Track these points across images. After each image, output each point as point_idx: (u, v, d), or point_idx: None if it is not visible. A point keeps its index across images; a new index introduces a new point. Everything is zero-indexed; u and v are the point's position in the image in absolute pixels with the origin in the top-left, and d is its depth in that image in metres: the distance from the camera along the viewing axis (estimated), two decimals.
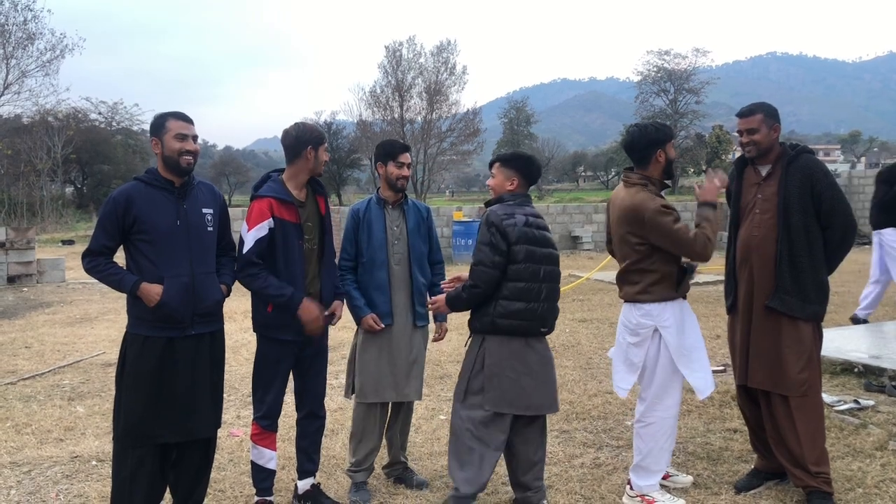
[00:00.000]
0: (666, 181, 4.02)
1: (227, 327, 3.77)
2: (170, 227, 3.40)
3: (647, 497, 3.88)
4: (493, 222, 3.71)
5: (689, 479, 4.16)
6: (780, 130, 3.98)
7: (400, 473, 4.27)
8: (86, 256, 3.47)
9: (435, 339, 4.39)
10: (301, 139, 3.74)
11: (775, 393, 3.90)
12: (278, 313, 3.68)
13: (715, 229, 3.79)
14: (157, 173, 3.46)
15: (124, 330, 3.50)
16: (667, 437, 3.94)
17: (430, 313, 4.18)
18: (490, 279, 3.67)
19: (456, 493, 3.70)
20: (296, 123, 3.84)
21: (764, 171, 3.97)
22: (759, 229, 3.92)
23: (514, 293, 3.69)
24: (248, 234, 3.64)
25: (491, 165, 4.00)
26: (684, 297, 3.96)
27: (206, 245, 3.54)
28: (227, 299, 3.66)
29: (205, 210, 3.53)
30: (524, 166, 3.93)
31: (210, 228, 3.55)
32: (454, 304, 3.84)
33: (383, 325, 4.02)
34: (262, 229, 3.64)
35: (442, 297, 3.91)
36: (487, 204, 3.96)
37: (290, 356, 3.81)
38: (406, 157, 4.13)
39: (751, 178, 4.04)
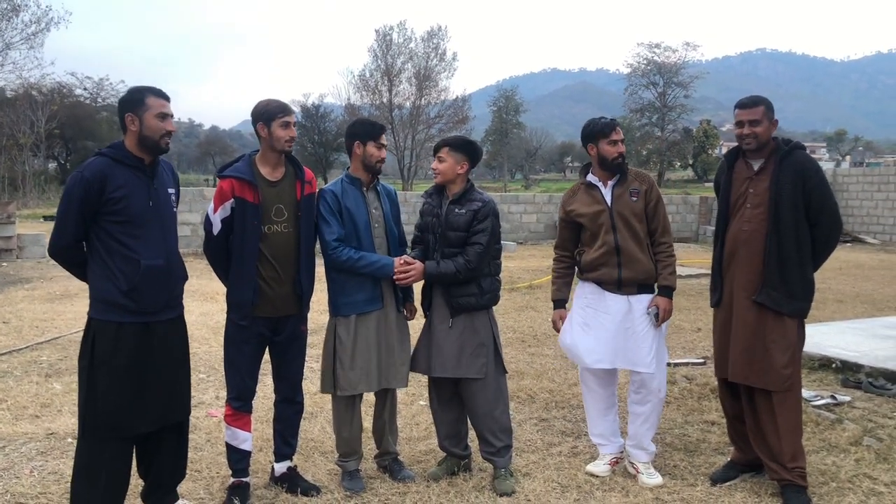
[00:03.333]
0: (608, 170, 4.15)
1: (210, 308, 3.75)
2: (143, 207, 3.23)
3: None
4: (495, 212, 4.01)
5: (658, 480, 4.07)
6: (777, 125, 3.94)
7: (389, 464, 4.18)
8: (59, 254, 3.27)
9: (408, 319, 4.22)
10: (254, 116, 3.70)
11: (758, 387, 3.90)
12: (235, 294, 3.70)
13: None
14: (126, 150, 3.25)
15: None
16: (585, 401, 4.40)
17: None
18: (484, 265, 3.94)
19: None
20: (258, 101, 3.76)
21: (756, 165, 3.92)
22: (749, 224, 3.89)
23: (498, 268, 4.12)
24: (214, 215, 3.66)
25: (438, 150, 4.03)
26: (607, 287, 4.12)
27: (174, 226, 3.44)
28: (210, 281, 3.62)
29: (170, 190, 3.43)
30: (473, 151, 4.08)
31: (175, 209, 3.46)
32: (437, 278, 3.91)
33: (415, 264, 3.91)
34: (225, 210, 3.65)
35: (419, 265, 3.91)
36: (442, 189, 4.08)
37: (254, 339, 3.75)
38: (385, 139, 4.01)
39: (742, 171, 3.99)
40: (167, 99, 3.32)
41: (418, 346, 4.11)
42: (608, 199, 4.11)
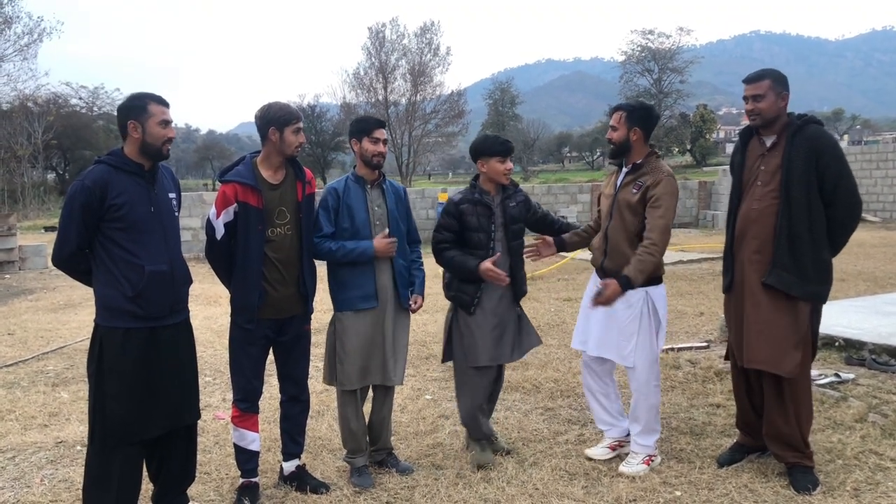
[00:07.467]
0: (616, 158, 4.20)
1: (213, 311, 3.77)
2: (145, 213, 3.27)
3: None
4: None
5: (633, 469, 4.03)
6: (787, 99, 3.77)
7: (383, 458, 4.21)
8: (63, 263, 3.29)
9: (413, 311, 4.18)
10: (264, 120, 3.69)
11: (769, 373, 3.79)
12: (240, 299, 3.71)
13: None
14: (125, 157, 3.28)
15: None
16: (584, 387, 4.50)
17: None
18: None
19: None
20: (265, 104, 3.76)
21: (769, 141, 3.80)
22: (759, 202, 3.76)
23: None
24: (217, 220, 3.65)
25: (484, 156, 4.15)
26: (597, 273, 4.33)
27: (176, 231, 3.46)
28: (213, 285, 3.64)
29: (170, 195, 3.45)
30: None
31: (176, 213, 3.48)
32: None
33: (395, 238, 3.96)
34: (228, 214, 3.64)
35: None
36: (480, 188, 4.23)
37: (259, 341, 3.76)
38: (381, 133, 3.97)
39: (755, 148, 3.87)
40: (167, 105, 3.35)
41: (489, 343, 4.16)
42: (617, 186, 4.10)
